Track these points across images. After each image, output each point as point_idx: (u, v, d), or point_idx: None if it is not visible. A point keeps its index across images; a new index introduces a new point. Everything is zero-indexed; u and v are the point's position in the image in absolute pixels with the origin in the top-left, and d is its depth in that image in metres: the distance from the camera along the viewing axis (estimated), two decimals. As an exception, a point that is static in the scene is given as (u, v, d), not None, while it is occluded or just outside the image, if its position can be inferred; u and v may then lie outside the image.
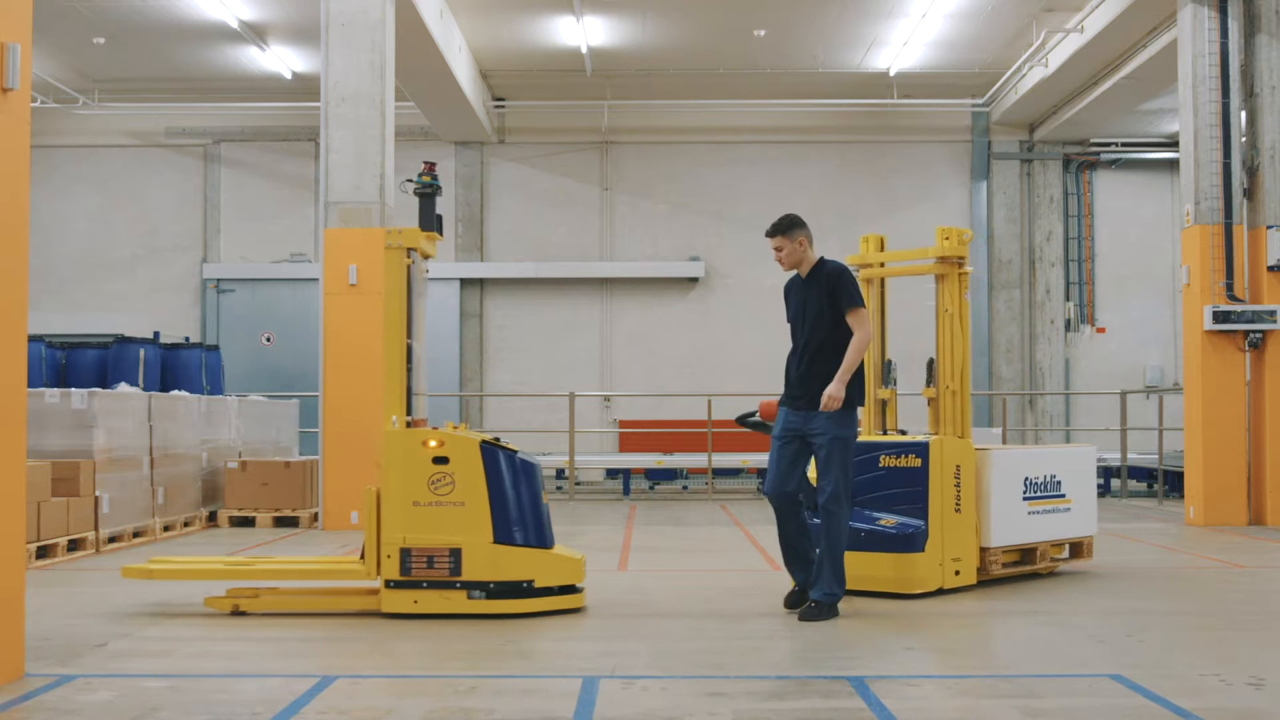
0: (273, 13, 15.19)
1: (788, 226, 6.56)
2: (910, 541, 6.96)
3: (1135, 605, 6.97)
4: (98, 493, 9.65)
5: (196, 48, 16.52)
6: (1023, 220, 19.22)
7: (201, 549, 9.76)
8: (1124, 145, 19.18)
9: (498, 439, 6.59)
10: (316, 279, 11.85)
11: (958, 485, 7.12)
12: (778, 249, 6.57)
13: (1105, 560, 8.78)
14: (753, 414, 7.20)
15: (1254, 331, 11.83)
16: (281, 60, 16.85)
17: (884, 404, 7.82)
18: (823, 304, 6.47)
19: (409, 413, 6.62)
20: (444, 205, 19.36)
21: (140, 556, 9.41)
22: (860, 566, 6.91)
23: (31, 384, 10.55)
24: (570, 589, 6.55)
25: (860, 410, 6.67)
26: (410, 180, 6.99)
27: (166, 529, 10.91)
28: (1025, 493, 7.64)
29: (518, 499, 6.44)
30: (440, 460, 6.37)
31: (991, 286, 19.10)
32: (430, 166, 7.03)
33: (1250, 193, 12.04)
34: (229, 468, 11.90)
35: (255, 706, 4.52)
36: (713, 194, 18.87)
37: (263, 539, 10.61)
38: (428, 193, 6.92)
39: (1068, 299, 19.26)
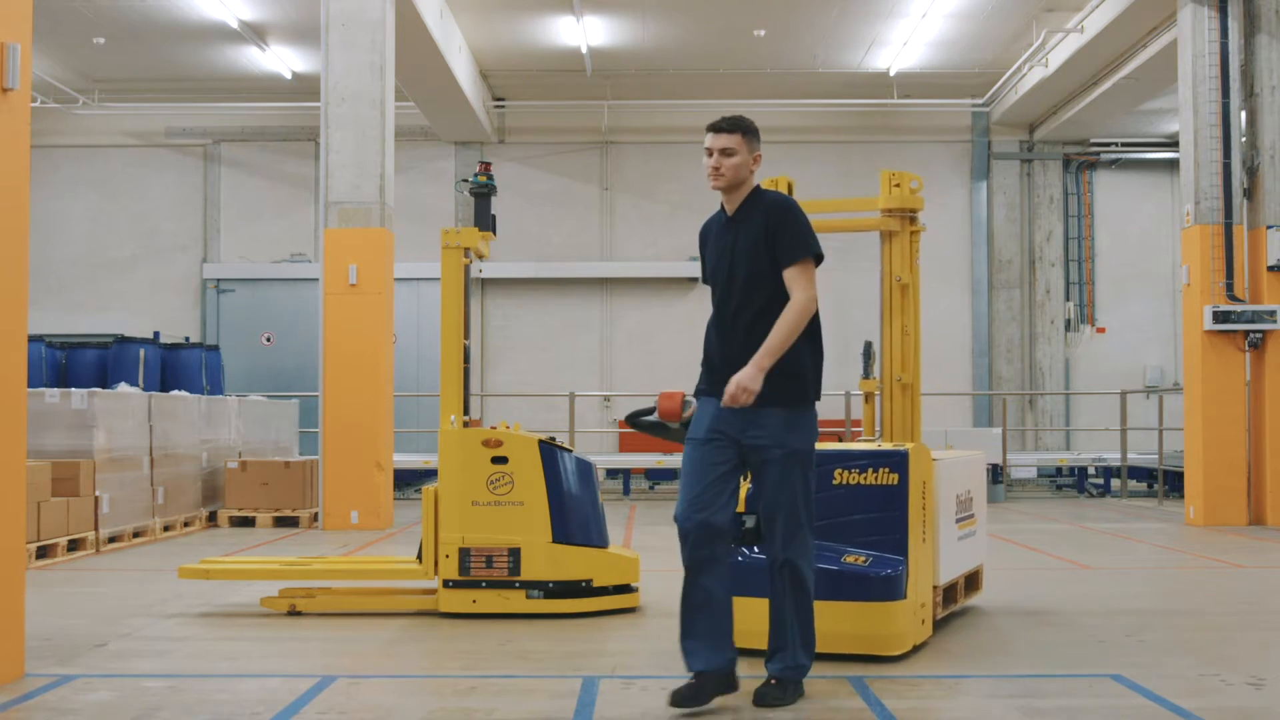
0: (273, 13, 15.19)
1: (749, 128, 4.73)
2: (890, 586, 5.22)
3: (1135, 605, 6.97)
4: (98, 493, 9.65)
5: (196, 48, 16.51)
6: (1023, 220, 19.22)
7: (202, 549, 9.76)
8: (1124, 145, 19.18)
9: (553, 438, 6.59)
10: (316, 279, 11.85)
11: (924, 507, 5.52)
12: (724, 153, 4.68)
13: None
14: (648, 411, 5.06)
15: (1254, 331, 11.82)
16: (281, 60, 16.85)
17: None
18: (760, 249, 4.65)
19: (466, 412, 6.63)
20: (444, 205, 19.42)
21: (140, 557, 9.41)
22: (819, 621, 4.88)
23: (31, 384, 10.55)
24: (626, 588, 6.55)
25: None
26: (466, 180, 7.04)
27: (166, 529, 10.90)
28: (956, 512, 6.07)
29: (576, 498, 6.45)
30: (499, 460, 6.37)
31: (991, 286, 19.10)
32: (485, 166, 7.09)
33: (1250, 193, 12.04)
34: (229, 468, 11.90)
35: (255, 706, 4.52)
36: (713, 194, 18.62)
37: (263, 539, 10.61)
38: (484, 192, 6.96)
39: (1068, 299, 19.26)
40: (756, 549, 5.17)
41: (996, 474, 15.08)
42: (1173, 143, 18.69)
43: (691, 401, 4.73)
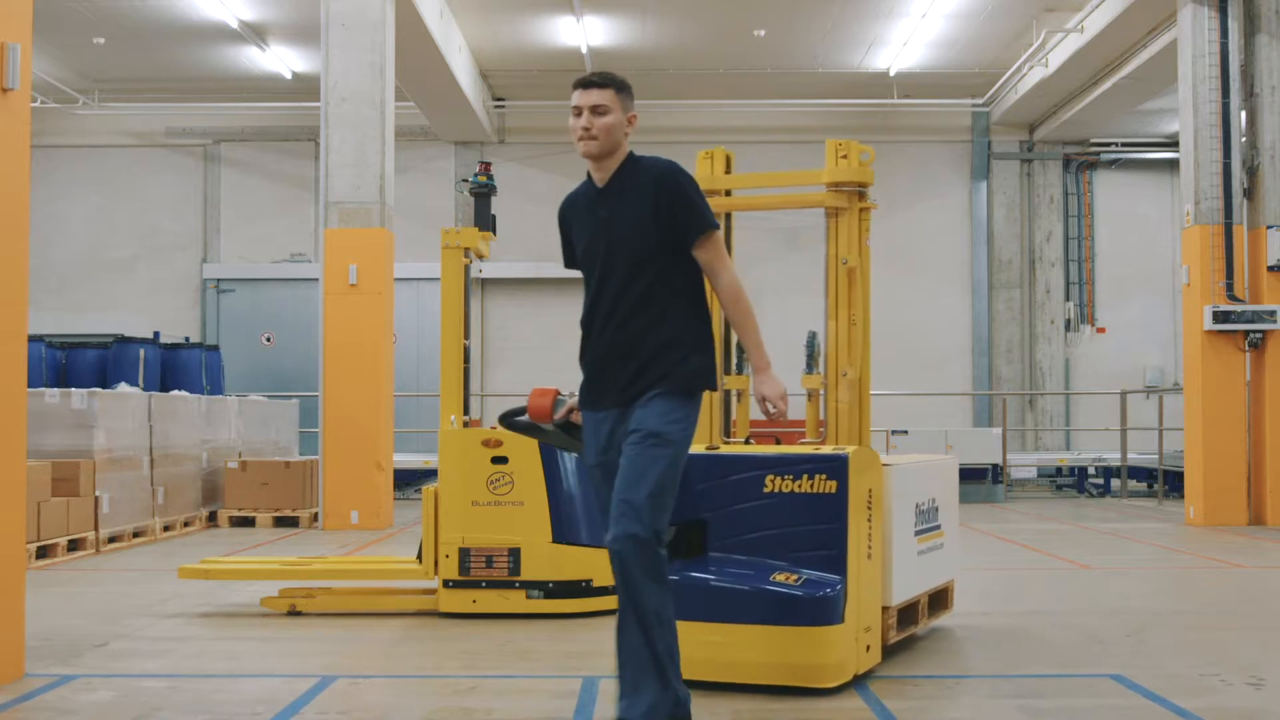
0: (273, 13, 15.19)
1: (623, 84, 4.12)
2: (823, 608, 4.58)
3: (1135, 605, 6.97)
4: (98, 493, 9.65)
5: (196, 48, 16.51)
6: (1023, 220, 19.22)
7: (202, 549, 9.76)
8: (1124, 145, 19.17)
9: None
10: (316, 279, 11.85)
11: (869, 519, 4.88)
12: (596, 111, 4.01)
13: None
14: (519, 411, 4.47)
15: (1254, 331, 11.82)
16: (281, 60, 16.85)
17: (730, 397, 5.65)
18: (646, 225, 3.96)
19: (466, 412, 6.62)
20: (444, 205, 19.41)
21: (140, 557, 9.41)
22: (739, 649, 4.61)
23: (31, 384, 10.55)
24: None
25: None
26: (466, 180, 7.04)
27: (166, 529, 10.90)
28: (915, 524, 5.46)
29: (576, 498, 6.44)
30: (499, 460, 6.36)
31: (991, 286, 19.09)
32: (485, 166, 7.09)
33: (1250, 193, 12.04)
34: (229, 468, 11.90)
35: (255, 706, 4.52)
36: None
37: (263, 539, 10.61)
38: (484, 192, 6.98)
39: (1068, 299, 19.26)
40: (693, 572, 4.74)
41: (996, 474, 15.08)
42: (1173, 143, 18.68)
43: (565, 399, 4.15)
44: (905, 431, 15.15)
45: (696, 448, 4.82)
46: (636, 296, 3.97)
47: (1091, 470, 16.69)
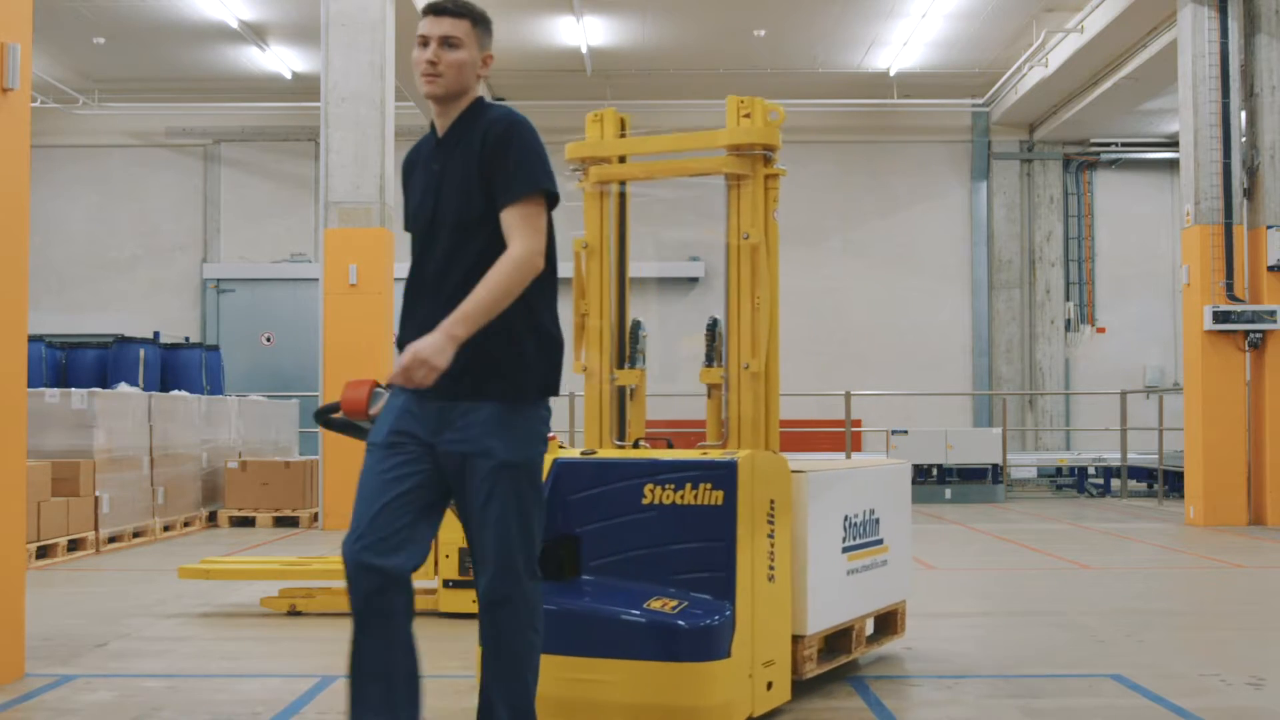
0: (273, 13, 15.19)
1: (481, 17, 3.45)
2: (707, 641, 3.92)
3: (1135, 605, 6.97)
4: (98, 493, 9.64)
5: (196, 48, 16.52)
6: (1023, 220, 19.22)
7: (202, 549, 9.76)
8: (1124, 145, 19.17)
9: (553, 435, 6.55)
10: (316, 279, 11.86)
11: (771, 535, 4.21)
12: (447, 44, 3.36)
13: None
14: (334, 407, 3.70)
15: (1254, 331, 11.83)
16: (281, 60, 16.85)
17: (624, 394, 4.88)
18: (474, 183, 3.35)
19: None
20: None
21: (140, 557, 9.41)
22: (607, 687, 3.97)
23: (31, 384, 10.55)
24: None
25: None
26: None
27: (166, 529, 10.90)
28: (845, 540, 4.78)
29: None
30: None
31: (991, 286, 19.09)
32: None
33: (1250, 193, 12.04)
34: (229, 468, 11.90)
35: (255, 706, 4.52)
36: (713, 194, 18.81)
37: (263, 539, 10.61)
38: None
39: (1068, 299, 19.26)
40: (559, 596, 4.06)
41: (996, 474, 15.09)
42: (1173, 143, 18.68)
43: (382, 392, 3.54)
44: (905, 431, 15.15)
45: (571, 452, 4.39)
46: (465, 270, 3.30)
47: (1091, 470, 16.69)
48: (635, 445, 4.74)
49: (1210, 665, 5.23)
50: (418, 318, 3.39)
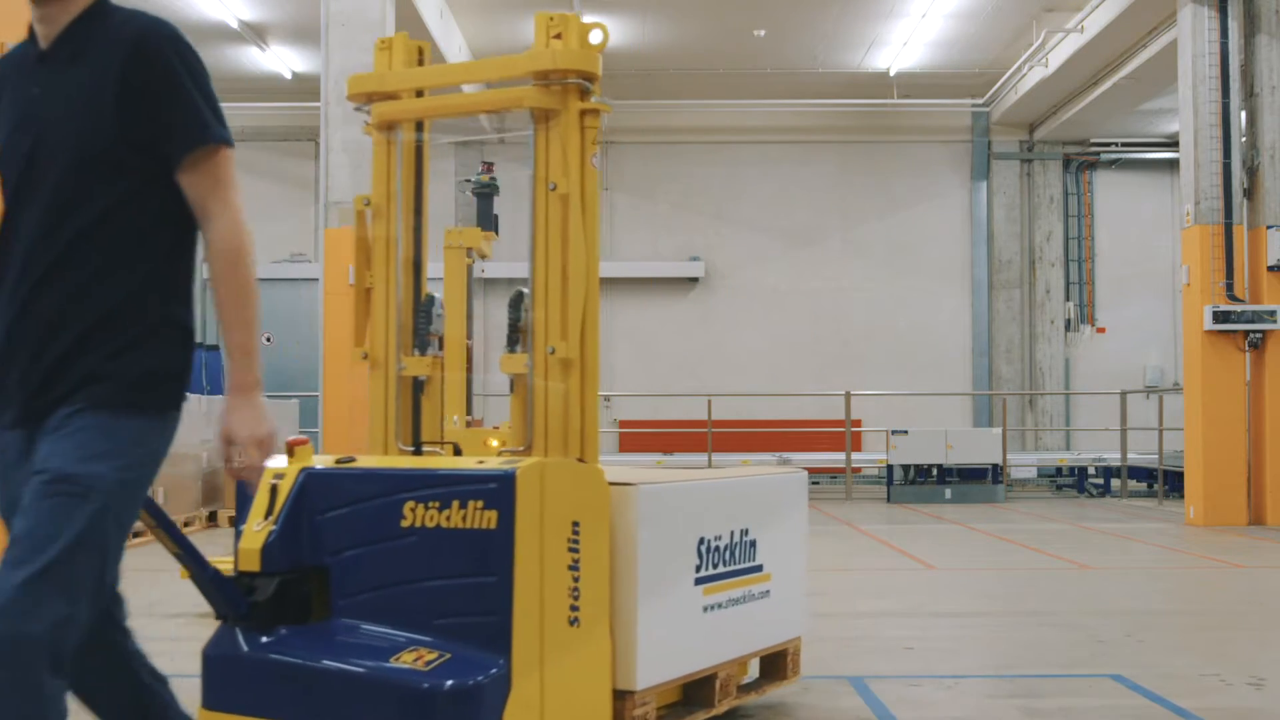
0: (273, 13, 15.20)
1: None
2: (467, 707, 3.01)
3: (1135, 605, 6.97)
4: (98, 493, 9.63)
5: (196, 47, 16.47)
6: (1023, 220, 19.22)
7: (203, 549, 9.71)
8: (1124, 145, 19.18)
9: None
10: (316, 279, 11.86)
11: (575, 567, 3.30)
12: None
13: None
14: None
15: (1254, 331, 11.83)
16: (281, 60, 16.85)
17: (416, 387, 4.21)
18: (103, 117, 2.46)
19: (468, 413, 6.62)
20: (444, 205, 19.36)
21: (140, 557, 9.39)
22: None
23: (31, 384, 10.55)
24: None
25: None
26: (468, 180, 7.02)
27: (166, 529, 10.90)
28: (700, 568, 3.86)
29: None
30: None
31: (991, 286, 19.09)
32: (488, 167, 7.06)
33: (1250, 193, 12.04)
34: (229, 468, 11.90)
35: (255, 706, 4.51)
36: (713, 194, 18.86)
37: (263, 539, 10.60)
38: (486, 192, 6.94)
39: (1068, 299, 19.26)
40: (265, 636, 3.37)
41: (996, 474, 15.09)
42: (1173, 143, 18.68)
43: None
44: (905, 431, 15.15)
45: (325, 460, 3.50)
46: (71, 236, 2.41)
47: (1091, 470, 16.69)
48: (417, 452, 3.98)
49: (1210, 665, 5.23)
50: (3, 302, 2.45)
